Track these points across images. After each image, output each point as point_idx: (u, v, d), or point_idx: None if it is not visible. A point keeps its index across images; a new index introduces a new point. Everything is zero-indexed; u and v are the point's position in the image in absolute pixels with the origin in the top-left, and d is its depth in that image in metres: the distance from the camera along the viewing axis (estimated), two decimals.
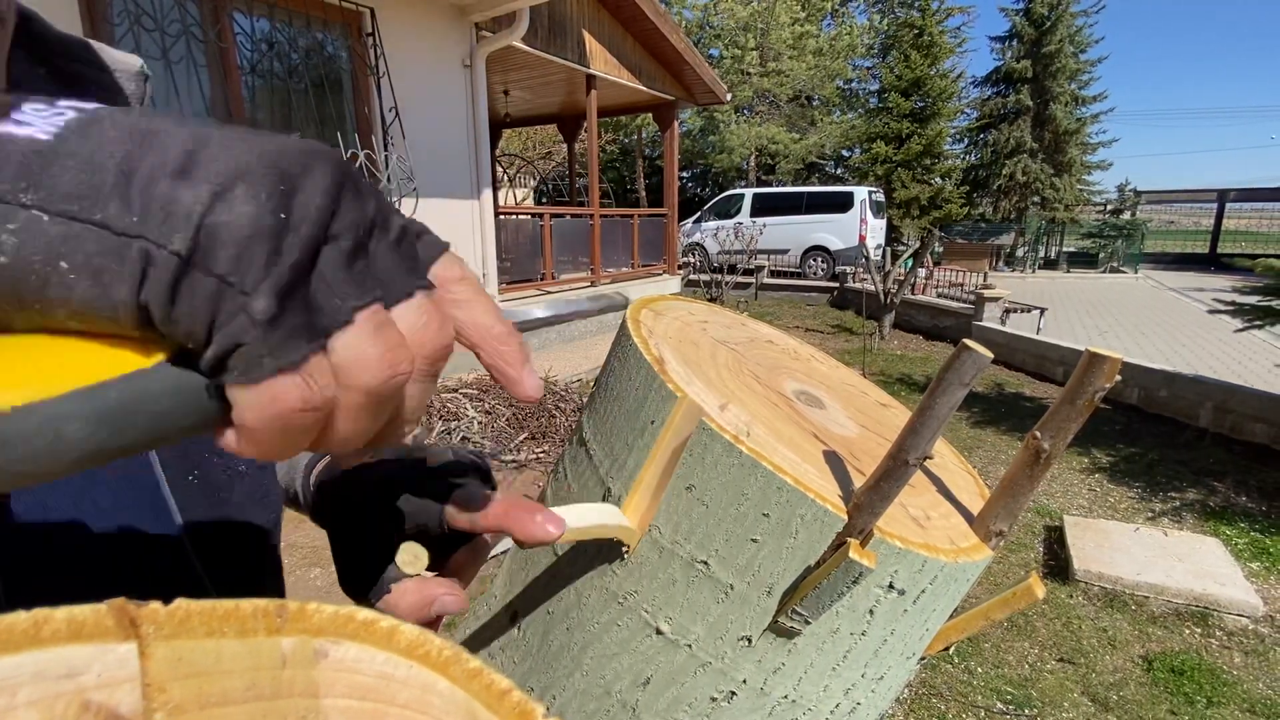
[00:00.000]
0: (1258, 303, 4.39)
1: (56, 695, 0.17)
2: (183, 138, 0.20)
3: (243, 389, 0.20)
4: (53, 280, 0.18)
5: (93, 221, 0.18)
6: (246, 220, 0.19)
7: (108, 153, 0.19)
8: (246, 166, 0.20)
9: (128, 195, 0.19)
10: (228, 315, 0.19)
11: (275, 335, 0.20)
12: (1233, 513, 3.70)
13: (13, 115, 0.19)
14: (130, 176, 0.19)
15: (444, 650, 0.23)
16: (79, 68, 0.40)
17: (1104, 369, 0.49)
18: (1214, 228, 23.72)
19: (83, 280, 0.18)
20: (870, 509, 0.47)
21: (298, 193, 0.20)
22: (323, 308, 0.21)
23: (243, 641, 0.20)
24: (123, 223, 0.18)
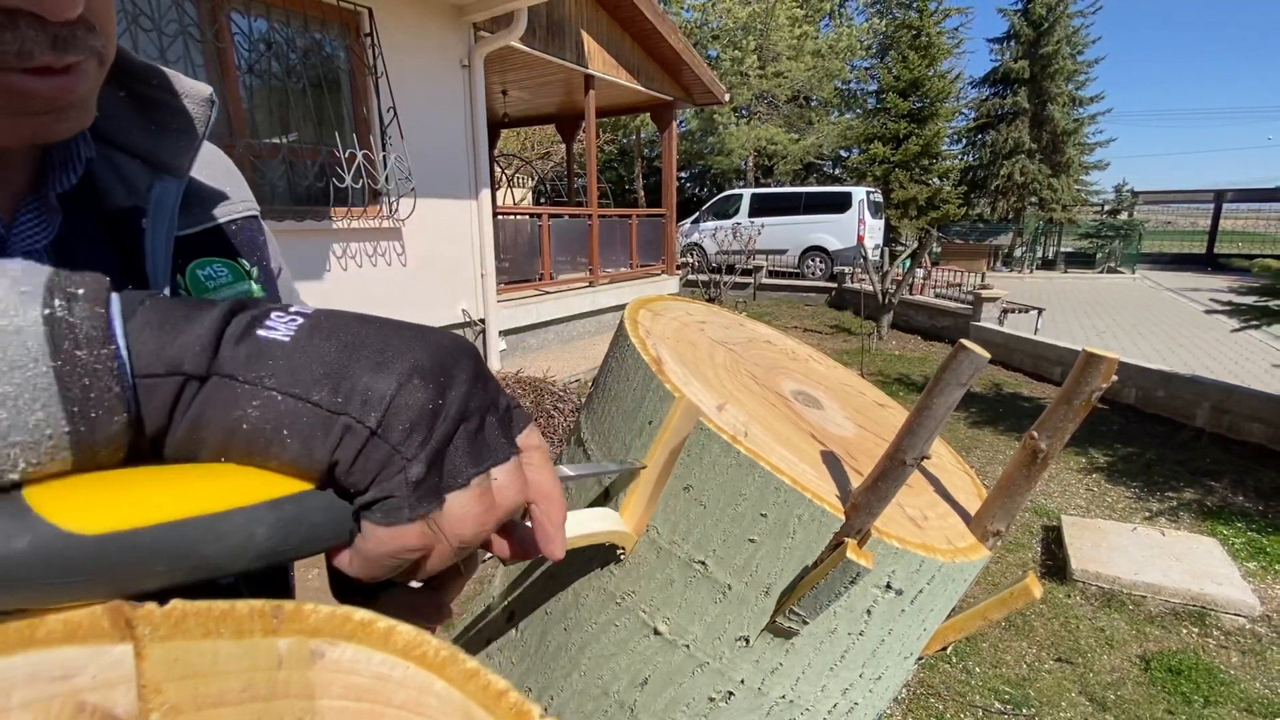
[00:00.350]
0: (1254, 303, 4.40)
1: (51, 696, 0.17)
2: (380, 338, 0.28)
3: (380, 527, 0.27)
4: (275, 442, 0.25)
5: (310, 401, 0.26)
6: (417, 406, 0.27)
7: (324, 351, 0.27)
8: (419, 363, 0.28)
9: (338, 383, 0.26)
10: (389, 474, 0.27)
11: (416, 493, 0.27)
12: (1230, 512, 3.71)
13: (266, 322, 0.27)
14: (341, 369, 0.26)
15: (440, 651, 0.23)
16: (154, 92, 0.45)
17: (1101, 369, 0.49)
18: (1211, 228, 23.78)
19: (294, 442, 0.26)
20: (868, 509, 0.47)
21: (450, 386, 0.28)
22: (449, 472, 0.28)
23: (239, 642, 0.20)
24: (332, 403, 0.26)
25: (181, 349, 0.25)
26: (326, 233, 4.53)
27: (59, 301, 0.23)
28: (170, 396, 0.24)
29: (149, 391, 0.24)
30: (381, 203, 4.89)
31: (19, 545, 0.20)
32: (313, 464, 0.26)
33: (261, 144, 4.24)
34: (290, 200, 4.37)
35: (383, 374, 0.27)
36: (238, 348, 0.26)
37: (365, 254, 4.86)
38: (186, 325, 0.25)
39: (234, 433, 0.25)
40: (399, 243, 5.09)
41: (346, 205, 4.58)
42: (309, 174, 4.43)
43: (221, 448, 0.25)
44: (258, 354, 0.26)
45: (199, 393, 0.25)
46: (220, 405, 0.25)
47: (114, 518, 0.22)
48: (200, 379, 0.25)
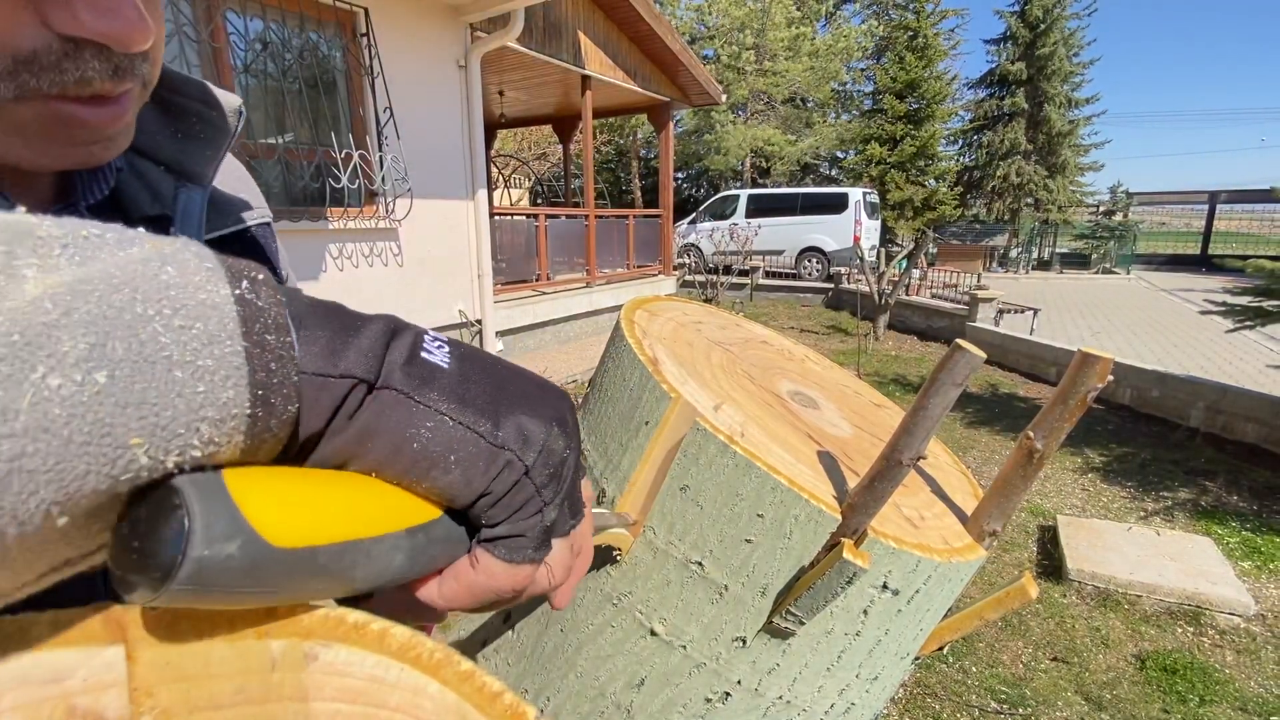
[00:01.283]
0: (1248, 303, 4.42)
1: (42, 700, 0.17)
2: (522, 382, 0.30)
3: (500, 563, 0.29)
4: (439, 465, 0.26)
5: (476, 431, 0.27)
6: (558, 455, 0.29)
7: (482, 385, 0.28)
8: (559, 415, 0.30)
9: (498, 418, 0.27)
10: (525, 514, 0.28)
11: (543, 538, 0.29)
12: (1224, 512, 3.72)
13: (423, 347, 0.27)
14: (499, 403, 0.28)
15: (435, 653, 0.22)
16: (181, 101, 0.45)
17: (1096, 369, 0.49)
18: (1205, 229, 23.89)
19: (456, 469, 0.26)
20: (864, 509, 0.47)
21: (573, 440, 0.30)
22: (560, 523, 0.31)
23: (232, 645, 0.20)
24: (494, 437, 0.27)
25: (355, 355, 0.25)
26: (323, 233, 4.52)
27: (245, 284, 0.23)
28: (338, 399, 0.24)
29: (317, 390, 0.24)
30: (378, 203, 4.88)
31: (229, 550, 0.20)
32: (466, 492, 0.27)
33: (258, 144, 4.23)
34: (286, 200, 4.36)
35: (534, 418, 0.28)
36: (408, 367, 0.26)
37: (361, 254, 4.85)
38: (353, 332, 0.25)
39: (401, 449, 0.25)
40: (395, 243, 5.08)
41: (343, 205, 4.57)
42: (305, 174, 4.41)
43: (383, 461, 0.25)
44: (427, 377, 0.26)
45: (368, 401, 0.25)
46: (395, 419, 0.25)
47: (305, 533, 0.22)
48: (370, 386, 0.25)
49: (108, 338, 0.19)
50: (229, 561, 0.19)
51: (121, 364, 0.19)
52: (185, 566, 0.19)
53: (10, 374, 0.17)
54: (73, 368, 0.18)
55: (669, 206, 9.36)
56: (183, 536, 0.19)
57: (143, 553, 0.19)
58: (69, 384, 0.18)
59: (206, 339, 0.21)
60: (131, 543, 0.19)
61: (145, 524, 0.19)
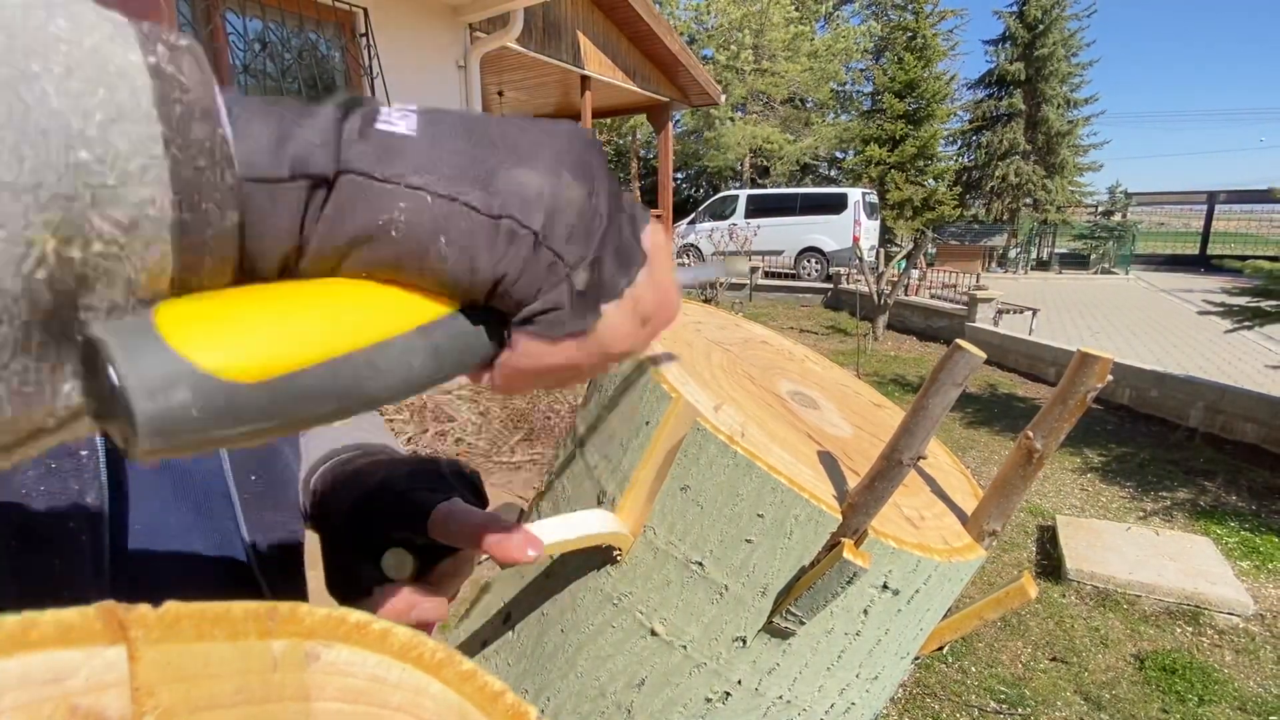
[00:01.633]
0: (1247, 304, 4.42)
1: (43, 700, 0.17)
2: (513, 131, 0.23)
3: (538, 341, 0.24)
4: (431, 252, 0.22)
5: (466, 203, 0.22)
6: (576, 203, 0.23)
7: (458, 144, 0.22)
8: (567, 153, 0.24)
9: (488, 182, 0.22)
10: (551, 284, 0.23)
11: (578, 305, 0.24)
12: (1223, 512, 3.73)
13: (380, 115, 0.22)
14: (482, 166, 0.22)
15: (437, 653, 0.22)
16: None
17: (1095, 369, 0.49)
18: (1204, 229, 23.92)
19: (453, 252, 0.22)
20: (865, 509, 0.47)
21: (596, 183, 0.24)
22: (604, 285, 0.25)
23: (233, 645, 0.20)
24: (489, 206, 0.22)
25: (302, 145, 0.20)
26: None
27: (162, 49, 0.17)
28: (298, 205, 0.20)
29: (265, 200, 0.19)
30: None
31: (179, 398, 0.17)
32: (475, 278, 0.22)
33: None
34: None
35: (530, 169, 0.23)
36: (364, 144, 0.21)
37: None
38: (299, 119, 0.20)
39: (380, 242, 0.21)
40: None
41: None
42: None
43: (368, 263, 0.21)
44: (388, 150, 0.21)
45: (329, 197, 0.20)
46: (362, 209, 0.21)
47: (277, 360, 0.19)
48: (329, 182, 0.20)
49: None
50: (184, 411, 0.17)
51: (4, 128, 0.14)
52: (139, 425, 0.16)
53: None
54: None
55: (668, 206, 9.37)
56: (119, 394, 0.16)
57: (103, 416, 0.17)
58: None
59: (114, 112, 0.16)
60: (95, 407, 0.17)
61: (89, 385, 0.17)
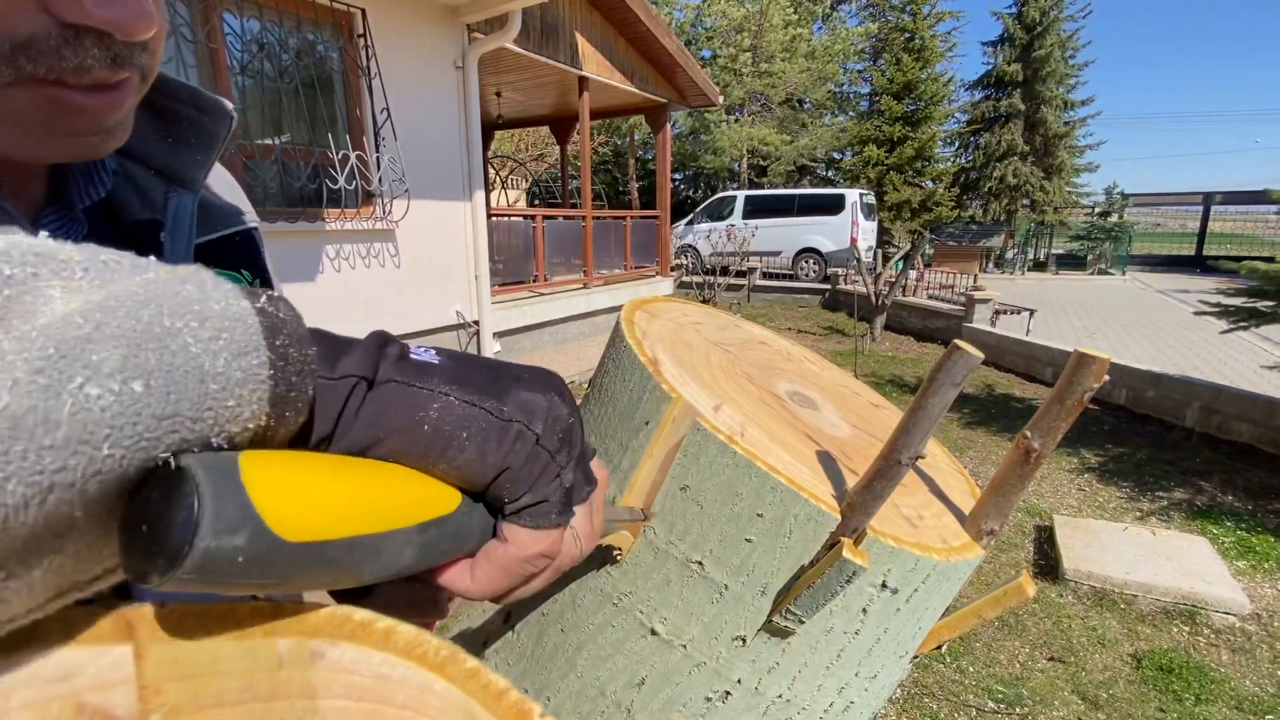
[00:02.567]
0: (1243, 304, 4.44)
1: (51, 698, 0.17)
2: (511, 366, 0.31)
3: (527, 530, 0.30)
4: (453, 444, 0.27)
5: (483, 407, 0.28)
6: (565, 417, 0.30)
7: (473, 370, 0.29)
8: (554, 385, 0.31)
9: (501, 395, 0.29)
10: (545, 480, 0.30)
11: (565, 500, 0.31)
12: (1219, 512, 3.74)
13: (412, 350, 0.29)
14: (496, 385, 0.29)
15: (441, 650, 0.23)
16: (173, 105, 0.45)
17: (1092, 369, 0.49)
18: (1200, 230, 23.99)
19: (471, 445, 0.27)
20: (863, 508, 0.47)
21: (574, 406, 0.32)
22: (578, 489, 0.32)
23: (239, 643, 0.20)
24: (500, 411, 0.28)
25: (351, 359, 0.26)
26: (319, 234, 4.51)
27: (264, 299, 0.23)
28: (341, 399, 0.25)
29: (320, 393, 0.25)
30: (375, 204, 4.87)
31: (236, 542, 0.19)
32: (484, 468, 0.28)
33: (254, 145, 4.22)
34: (283, 202, 4.35)
35: (533, 392, 0.30)
36: (401, 364, 0.27)
37: (359, 255, 4.84)
38: (348, 344, 0.27)
39: (414, 432, 0.26)
40: (392, 244, 5.07)
41: (340, 206, 4.56)
42: (302, 175, 4.41)
43: (399, 448, 0.26)
44: (421, 369, 0.27)
45: (371, 393, 0.26)
46: (402, 405, 0.26)
47: (315, 527, 0.21)
48: (370, 382, 0.26)
49: (139, 349, 0.19)
50: (235, 553, 0.19)
51: (155, 374, 0.19)
52: (191, 556, 0.18)
53: (49, 385, 0.17)
54: (108, 377, 0.18)
55: (666, 207, 9.37)
56: (191, 525, 0.18)
57: (150, 537, 0.18)
58: (107, 394, 0.17)
59: (235, 351, 0.21)
60: (140, 526, 0.19)
61: (154, 506, 0.19)
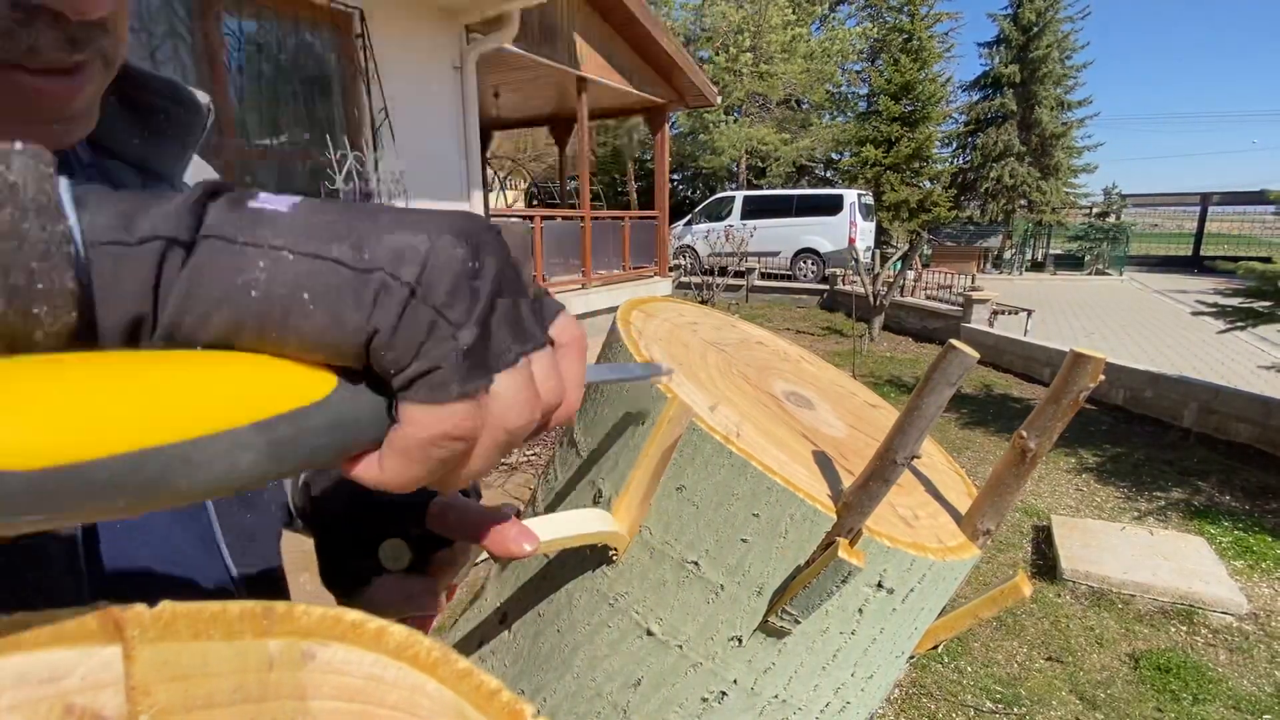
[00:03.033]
0: (1240, 304, 4.45)
1: (39, 699, 0.17)
2: (387, 211, 0.24)
3: (423, 407, 0.23)
4: (294, 310, 0.21)
5: (331, 258, 0.21)
6: (457, 261, 0.23)
7: (334, 216, 0.22)
8: (446, 225, 0.24)
9: (359, 242, 0.22)
10: (435, 342, 0.23)
11: (466, 365, 0.23)
12: (1217, 512, 3.74)
13: (257, 198, 0.22)
14: (358, 229, 0.22)
15: (433, 651, 0.23)
16: (148, 98, 0.43)
17: (1089, 368, 0.49)
18: (1197, 231, 24.07)
19: (320, 309, 0.21)
20: (859, 508, 0.47)
21: (482, 251, 0.24)
22: (494, 350, 0.24)
23: (230, 644, 0.20)
24: (358, 260, 0.22)
25: (158, 217, 0.20)
26: None
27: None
28: (149, 269, 0.20)
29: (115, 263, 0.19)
30: None
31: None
32: (345, 336, 0.22)
33: (252, 145, 4.22)
34: None
35: (409, 232, 0.23)
36: (229, 214, 0.21)
37: None
38: (159, 199, 0.21)
39: (240, 305, 0.21)
40: None
41: None
42: (300, 175, 4.40)
43: (227, 328, 0.21)
44: (255, 219, 0.21)
45: (187, 260, 0.20)
46: (219, 270, 0.20)
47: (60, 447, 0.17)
48: (186, 245, 0.20)
49: None
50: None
51: None
52: None
53: None
54: None
55: (664, 208, 9.37)
56: None
57: None
58: None
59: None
60: None
61: None
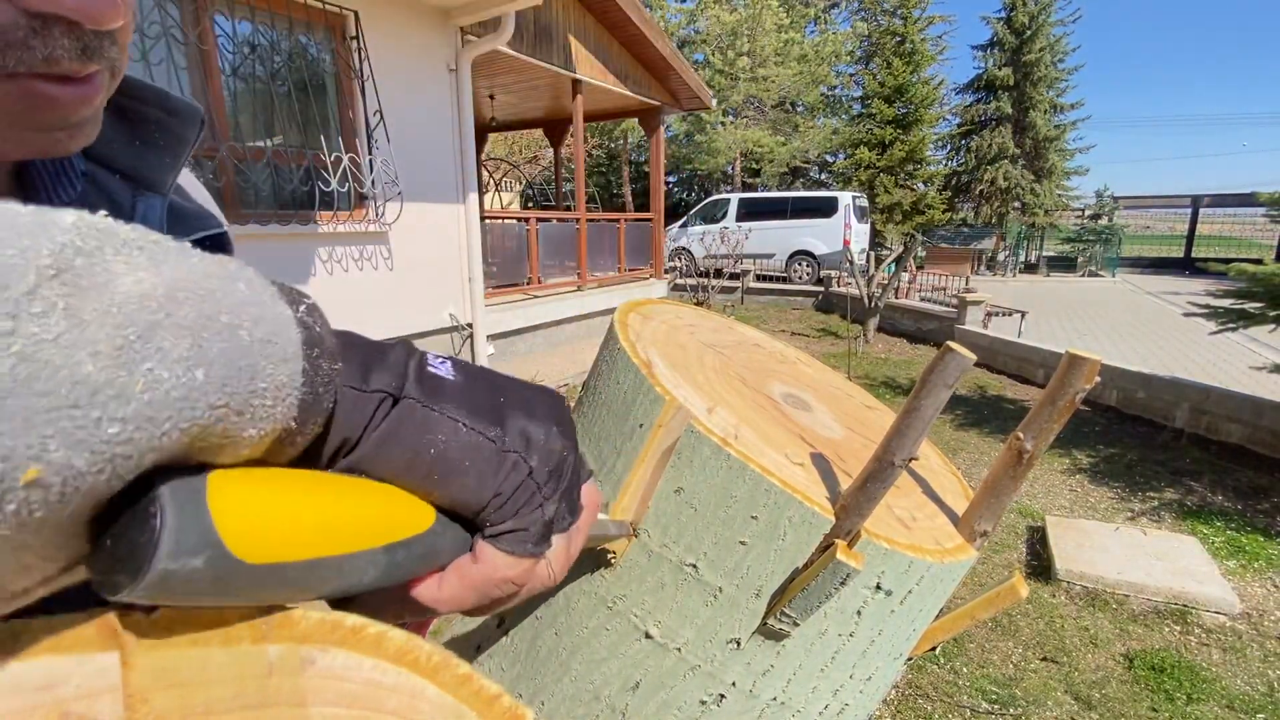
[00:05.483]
0: (1231, 305, 4.48)
1: (35, 706, 0.17)
2: (519, 388, 0.32)
3: (503, 554, 0.30)
4: (455, 471, 0.27)
5: (487, 436, 0.28)
6: (557, 454, 0.31)
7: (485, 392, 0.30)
8: (553, 413, 0.31)
9: (503, 424, 0.29)
10: (528, 510, 0.30)
11: (544, 531, 0.31)
12: (1209, 512, 3.76)
13: (430, 362, 0.29)
14: (501, 411, 0.29)
15: (433, 656, 0.22)
16: (140, 107, 0.44)
17: (1083, 370, 0.49)
18: (1189, 232, 24.21)
19: (471, 474, 0.28)
20: (857, 510, 0.47)
21: (573, 439, 0.32)
22: (559, 519, 0.32)
23: (228, 650, 0.20)
24: (504, 442, 0.29)
25: (385, 372, 0.27)
26: (312, 236, 4.49)
27: (303, 308, 0.24)
28: (369, 413, 0.26)
29: (352, 404, 0.25)
30: (368, 206, 4.85)
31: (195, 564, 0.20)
32: (479, 497, 0.28)
33: (246, 147, 4.20)
34: (275, 204, 4.33)
35: (534, 421, 0.30)
36: (420, 379, 0.28)
37: (351, 258, 4.82)
38: (381, 353, 0.27)
39: (419, 455, 0.27)
40: (385, 247, 5.05)
41: (332, 209, 4.54)
42: (294, 177, 4.39)
43: (402, 469, 0.26)
44: (438, 387, 0.28)
45: (391, 412, 0.26)
46: (414, 426, 0.26)
47: (277, 549, 0.22)
48: (394, 399, 0.27)
49: (203, 339, 0.20)
50: (193, 574, 0.19)
51: (214, 364, 0.20)
52: (148, 575, 0.19)
53: (127, 361, 0.18)
54: (176, 363, 0.19)
55: (660, 210, 9.38)
56: (152, 545, 0.19)
57: (113, 555, 0.19)
58: (174, 377, 0.19)
59: (281, 356, 0.22)
60: (105, 541, 0.19)
61: (120, 524, 0.19)
